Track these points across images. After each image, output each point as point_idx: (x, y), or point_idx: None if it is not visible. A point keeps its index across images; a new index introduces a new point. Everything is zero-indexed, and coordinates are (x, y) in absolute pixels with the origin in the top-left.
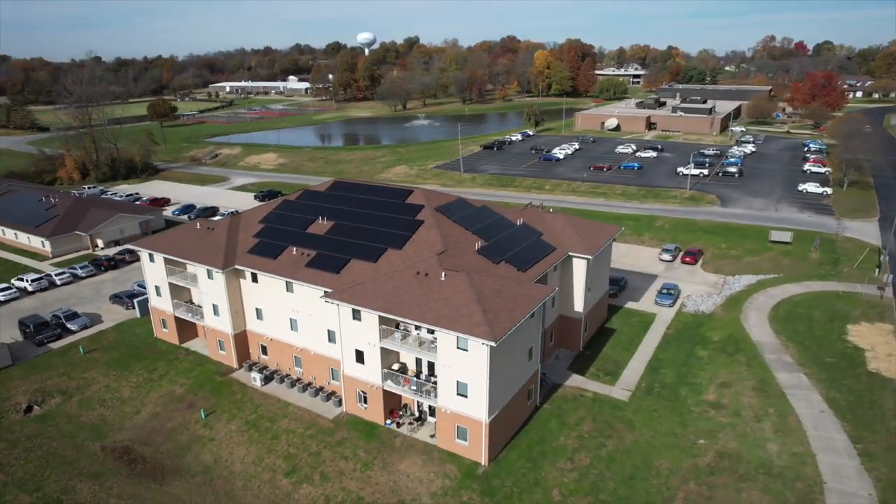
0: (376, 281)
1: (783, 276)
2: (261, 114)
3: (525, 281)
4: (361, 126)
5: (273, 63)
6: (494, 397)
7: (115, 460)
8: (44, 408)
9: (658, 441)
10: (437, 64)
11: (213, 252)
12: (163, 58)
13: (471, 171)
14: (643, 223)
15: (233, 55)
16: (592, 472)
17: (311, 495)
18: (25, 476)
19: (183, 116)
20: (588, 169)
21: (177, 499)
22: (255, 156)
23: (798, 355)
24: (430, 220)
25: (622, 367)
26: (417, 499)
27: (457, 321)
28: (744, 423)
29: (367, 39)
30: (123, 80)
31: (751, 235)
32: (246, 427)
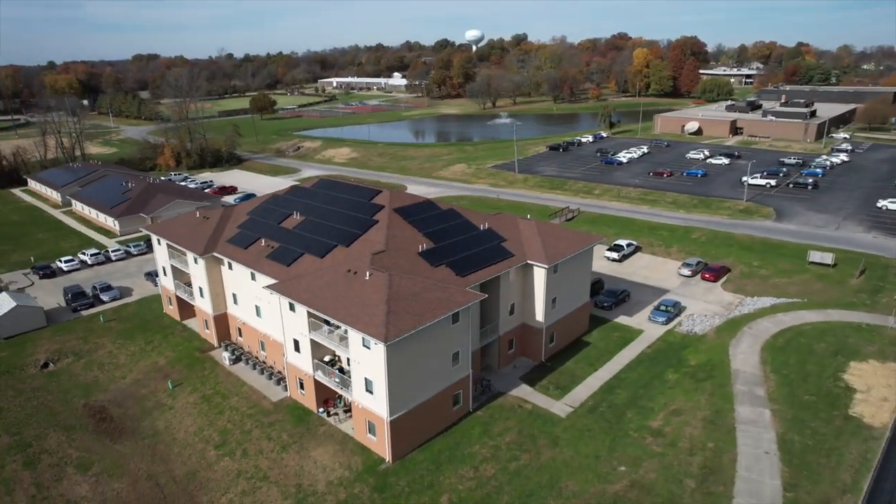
0: (313, 276)
1: (806, 302)
2: (354, 109)
3: (460, 286)
4: (445, 123)
5: (379, 60)
6: (399, 397)
7: (89, 417)
8: (57, 366)
9: (576, 462)
10: (534, 62)
11: (199, 239)
12: (283, 54)
13: (526, 172)
14: (678, 235)
15: (346, 52)
16: (492, 483)
17: (227, 468)
18: (15, 421)
19: (281, 110)
20: (647, 174)
21: (120, 456)
22: (331, 149)
23: (773, 389)
24: (384, 220)
25: (578, 382)
26: (314, 484)
27: (360, 319)
28: (674, 455)
29: (474, 36)
30: (244, 75)
31: (790, 255)
32: (201, 400)
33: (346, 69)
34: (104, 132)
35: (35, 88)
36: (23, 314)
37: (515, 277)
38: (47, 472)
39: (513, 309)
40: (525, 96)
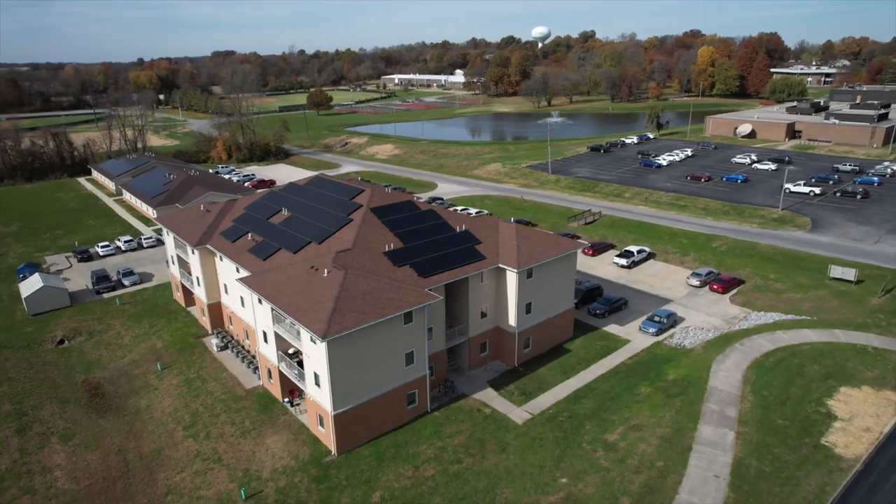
0: (280, 270)
1: (814, 320)
2: (409, 106)
3: (419, 287)
4: (495, 121)
5: (442, 57)
6: (344, 392)
7: (84, 392)
8: (70, 343)
9: (518, 470)
10: (594, 60)
11: (196, 231)
12: (350, 51)
13: (559, 173)
14: (698, 242)
15: (412, 48)
16: (428, 484)
17: (188, 448)
18: (20, 391)
19: (338, 106)
20: (685, 178)
21: (100, 430)
22: (376, 146)
23: (746, 411)
24: (358, 219)
25: (545, 389)
26: (260, 470)
27: (307, 314)
28: (619, 472)
29: (541, 33)
30: (310, 71)
31: (813, 269)
32: (183, 383)
33: (410, 66)
34: (172, 125)
35: (120, 84)
36: (49, 294)
37: (488, 280)
38: (34, 440)
39: (484, 312)
40: (583, 95)
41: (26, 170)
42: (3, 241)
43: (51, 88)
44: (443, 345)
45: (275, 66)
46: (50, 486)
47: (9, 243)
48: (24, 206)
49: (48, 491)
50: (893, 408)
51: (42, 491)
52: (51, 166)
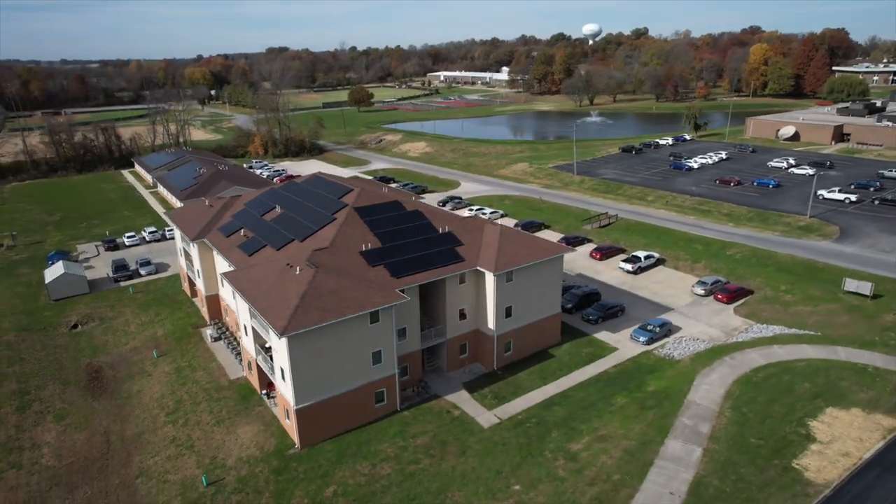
0: (258, 267)
1: (818, 335)
2: (449, 103)
3: (391, 287)
4: (533, 120)
5: (489, 54)
6: (306, 387)
7: (85, 375)
8: (83, 328)
9: (474, 474)
10: (641, 58)
11: (197, 225)
12: (400, 47)
13: (585, 174)
14: (712, 249)
15: (461, 45)
16: (381, 482)
17: (166, 434)
18: (29, 371)
19: (380, 103)
20: (713, 182)
21: (92, 411)
22: (409, 143)
23: (721, 427)
24: (342, 218)
25: (520, 394)
26: (226, 458)
27: (272, 310)
28: (574, 482)
29: (591, 31)
30: (358, 68)
31: (829, 281)
32: (174, 371)
33: (457, 63)
34: (218, 120)
35: (176, 80)
36: (69, 281)
37: (468, 283)
38: (31, 418)
39: (464, 314)
40: (628, 94)
41: (78, 162)
42: (45, 229)
43: (115, 84)
44: (418, 345)
45: (324, 63)
46: (35, 463)
47: (49, 231)
48: (70, 197)
49: (33, 466)
50: (881, 433)
51: (27, 466)
52: (100, 159)
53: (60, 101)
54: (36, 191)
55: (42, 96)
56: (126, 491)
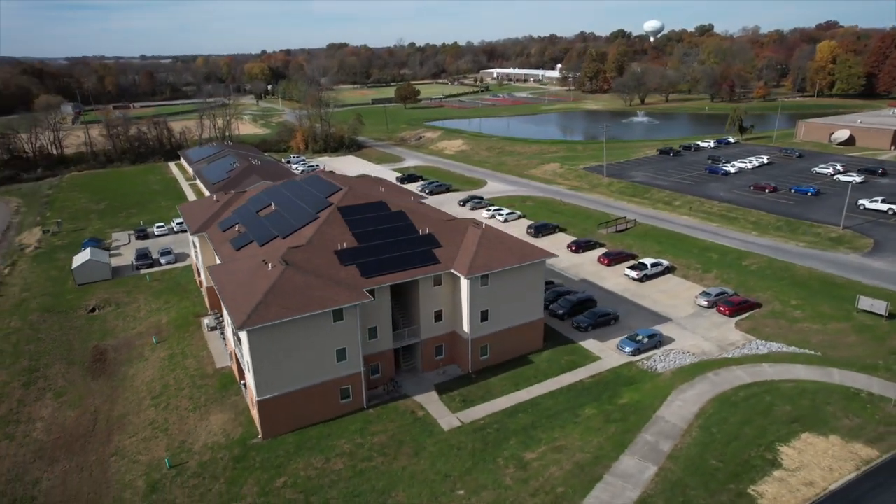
0: (240, 262)
1: (816, 355)
2: (496, 101)
3: (360, 286)
4: (579, 119)
5: (544, 51)
6: (268, 379)
7: (90, 357)
8: (100, 312)
9: (422, 476)
10: (699, 56)
11: (200, 219)
12: (458, 44)
13: (615, 176)
14: (728, 259)
15: (518, 42)
16: (330, 477)
17: (147, 416)
18: (42, 350)
19: (428, 100)
20: (748, 188)
21: (88, 391)
22: (446, 141)
23: (684, 446)
24: (324, 217)
25: (489, 399)
26: (193, 444)
27: (237, 305)
28: (517, 492)
29: (653, 27)
30: (413, 64)
31: (845, 297)
32: (168, 357)
33: (511, 60)
34: (270, 114)
35: (236, 75)
36: (93, 267)
37: (444, 285)
38: (33, 394)
39: (439, 315)
40: (683, 93)
41: (132, 154)
42: (88, 216)
43: (182, 79)
44: (390, 344)
45: (380, 59)
46: (26, 436)
47: (92, 219)
48: (118, 187)
49: (24, 439)
50: (856, 463)
51: (19, 438)
52: (152, 151)
53: (131, 96)
54: (90, 180)
55: (115, 91)
56: (100, 468)
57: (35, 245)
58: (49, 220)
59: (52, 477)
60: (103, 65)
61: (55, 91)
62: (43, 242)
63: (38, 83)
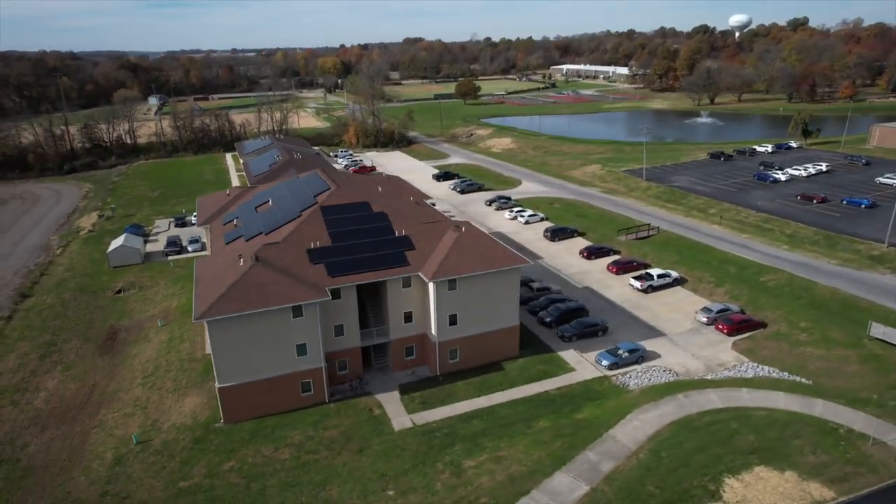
0: (219, 255)
1: (807, 385)
2: (557, 98)
3: (324, 285)
4: (640, 119)
5: (618, 47)
6: (229, 369)
7: (104, 335)
8: (125, 294)
9: (358, 473)
10: (780, 53)
11: (208, 212)
12: (532, 39)
13: (655, 180)
14: (746, 274)
15: (595, 37)
16: (273, 465)
17: (132, 395)
18: (65, 326)
19: (489, 96)
20: (795, 197)
21: (93, 367)
22: (495, 139)
23: (625, 469)
24: (306, 216)
25: (448, 403)
26: (164, 423)
27: (202, 296)
28: (441, 498)
29: (739, 22)
30: (483, 60)
31: (863, 323)
32: (167, 340)
33: (584, 56)
34: (334, 108)
35: (310, 69)
36: (126, 251)
37: (413, 287)
38: (45, 366)
39: (410, 317)
40: (760, 93)
41: (196, 144)
42: (141, 203)
43: (261, 72)
44: (357, 342)
45: (451, 54)
46: (28, 403)
47: (144, 206)
48: (175, 176)
49: (26, 406)
50: (804, 503)
51: (22, 405)
52: (214, 142)
53: (212, 88)
54: (153, 169)
55: (199, 83)
56: (81, 438)
57: (89, 228)
58: (106, 206)
59: (39, 443)
60: (189, 59)
61: (146, 84)
62: (96, 226)
63: (132, 76)
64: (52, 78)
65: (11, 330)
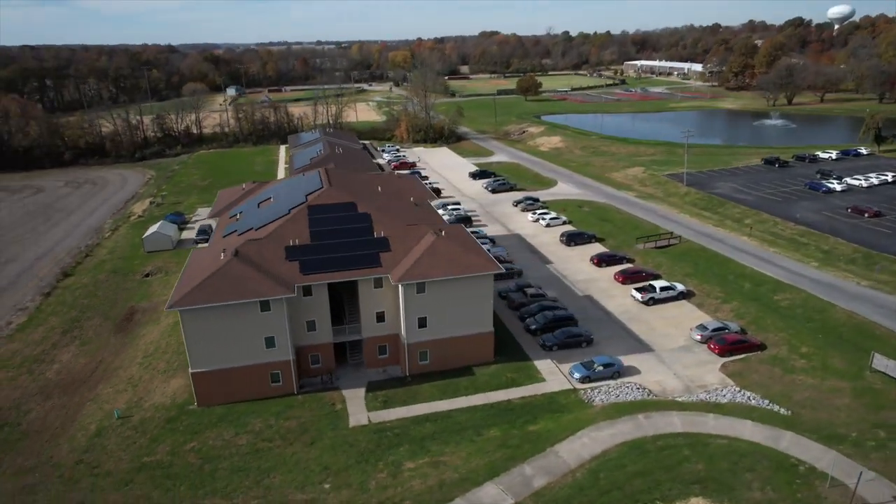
0: (212, 247)
1: (784, 415)
2: (621, 95)
3: (293, 281)
4: (707, 119)
5: (698, 42)
6: (200, 356)
7: (122, 315)
8: (152, 277)
9: (304, 464)
10: (876, 48)
11: (222, 204)
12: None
13: (697, 186)
14: (760, 291)
15: (676, 31)
16: (229, 450)
17: (129, 372)
18: (91, 304)
19: (550, 92)
20: (844, 210)
21: (105, 345)
22: (545, 137)
23: (557, 487)
24: (293, 214)
25: (409, 404)
26: (146, 402)
27: (181, 286)
28: (368, 496)
29: (840, 13)
30: (555, 54)
31: (870, 351)
32: (173, 324)
33: (661, 51)
34: (396, 101)
35: (382, 62)
36: (158, 238)
37: (385, 288)
38: (65, 340)
39: (382, 317)
40: (849, 92)
41: (255, 136)
42: (190, 192)
43: (337, 64)
44: (329, 338)
45: (523, 48)
46: (42, 374)
47: (192, 194)
48: (228, 166)
49: (38, 377)
50: None
51: (35, 375)
52: (272, 134)
53: (287, 80)
54: (212, 158)
55: (275, 75)
56: (75, 409)
57: (139, 214)
58: (158, 193)
59: (41, 410)
60: (267, 51)
61: (227, 75)
62: (146, 212)
63: (214, 68)
64: (145, 70)
65: (47, 305)
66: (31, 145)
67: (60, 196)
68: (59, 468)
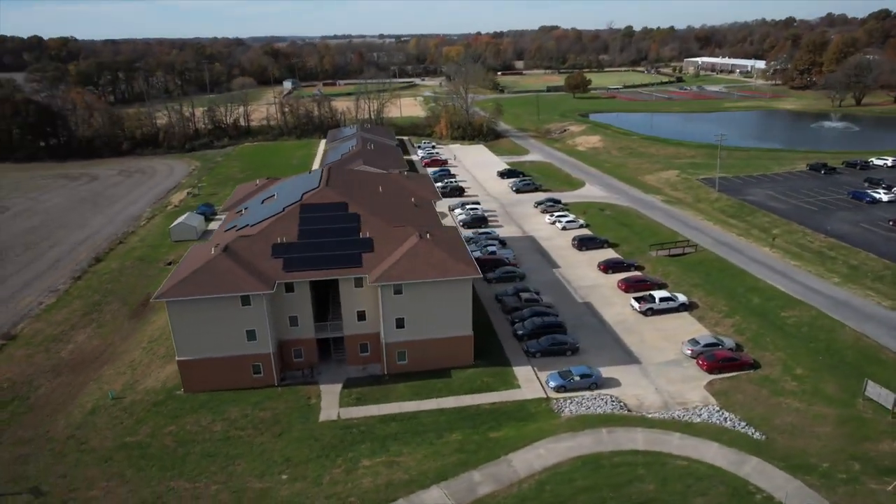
0: (210, 242)
1: (757, 440)
2: (672, 93)
3: (269, 278)
4: (763, 121)
5: (765, 38)
6: (185, 344)
7: (140, 300)
8: (173, 266)
9: (268, 455)
10: None
11: (235, 199)
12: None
13: (730, 192)
14: (767, 307)
15: (746, 26)
16: (203, 435)
17: (129, 358)
18: (112, 290)
19: (603, 90)
20: (886, 222)
21: (118, 329)
22: (584, 136)
23: (503, 496)
24: (286, 213)
25: (381, 402)
26: (141, 384)
27: (172, 279)
28: (317, 491)
29: None
30: (612, 49)
31: (874, 379)
32: None
33: (725, 48)
34: (441, 98)
35: (436, 56)
36: (183, 228)
37: (366, 287)
38: (83, 322)
39: (363, 315)
40: None
41: (300, 129)
42: (227, 183)
43: (394, 58)
44: (311, 333)
45: (580, 43)
46: (57, 353)
47: (227, 185)
48: (268, 159)
49: (53, 355)
50: None
51: (51, 354)
52: (316, 128)
53: (343, 73)
54: (253, 151)
55: (332, 68)
56: (78, 388)
57: (175, 204)
58: (198, 184)
59: (49, 387)
60: (325, 45)
61: (285, 69)
62: (182, 203)
63: (273, 62)
64: (205, 64)
65: (75, 288)
66: (93, 136)
67: (111, 184)
68: (52, 442)
